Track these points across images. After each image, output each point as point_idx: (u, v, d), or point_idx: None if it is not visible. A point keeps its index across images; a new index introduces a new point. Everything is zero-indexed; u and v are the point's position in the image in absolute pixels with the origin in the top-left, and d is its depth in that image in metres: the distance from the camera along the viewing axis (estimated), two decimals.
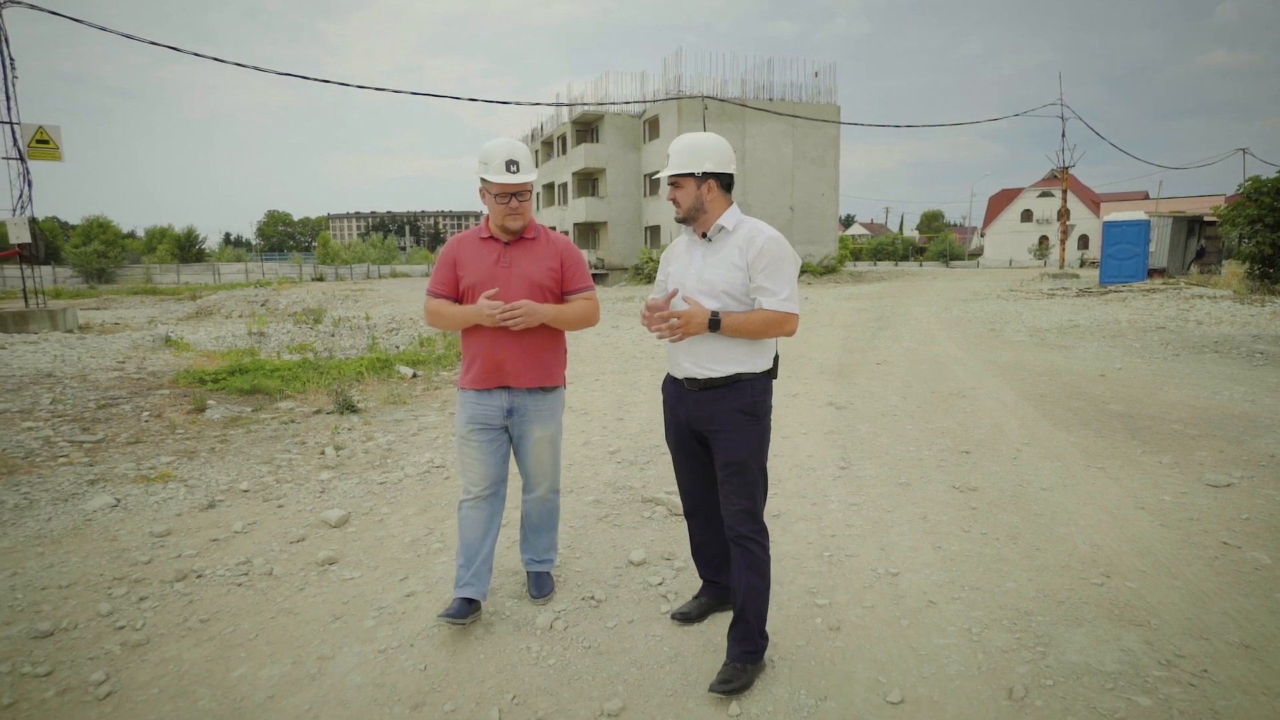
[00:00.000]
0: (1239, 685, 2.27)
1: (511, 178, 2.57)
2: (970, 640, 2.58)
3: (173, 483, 4.70)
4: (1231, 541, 3.33)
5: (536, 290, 2.67)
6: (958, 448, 5.02)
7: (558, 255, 2.75)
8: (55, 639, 2.80)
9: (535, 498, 2.95)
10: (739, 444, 2.39)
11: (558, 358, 2.83)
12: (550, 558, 3.09)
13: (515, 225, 2.66)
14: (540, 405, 2.77)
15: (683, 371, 2.47)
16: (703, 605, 2.80)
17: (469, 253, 2.72)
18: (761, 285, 2.34)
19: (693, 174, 2.39)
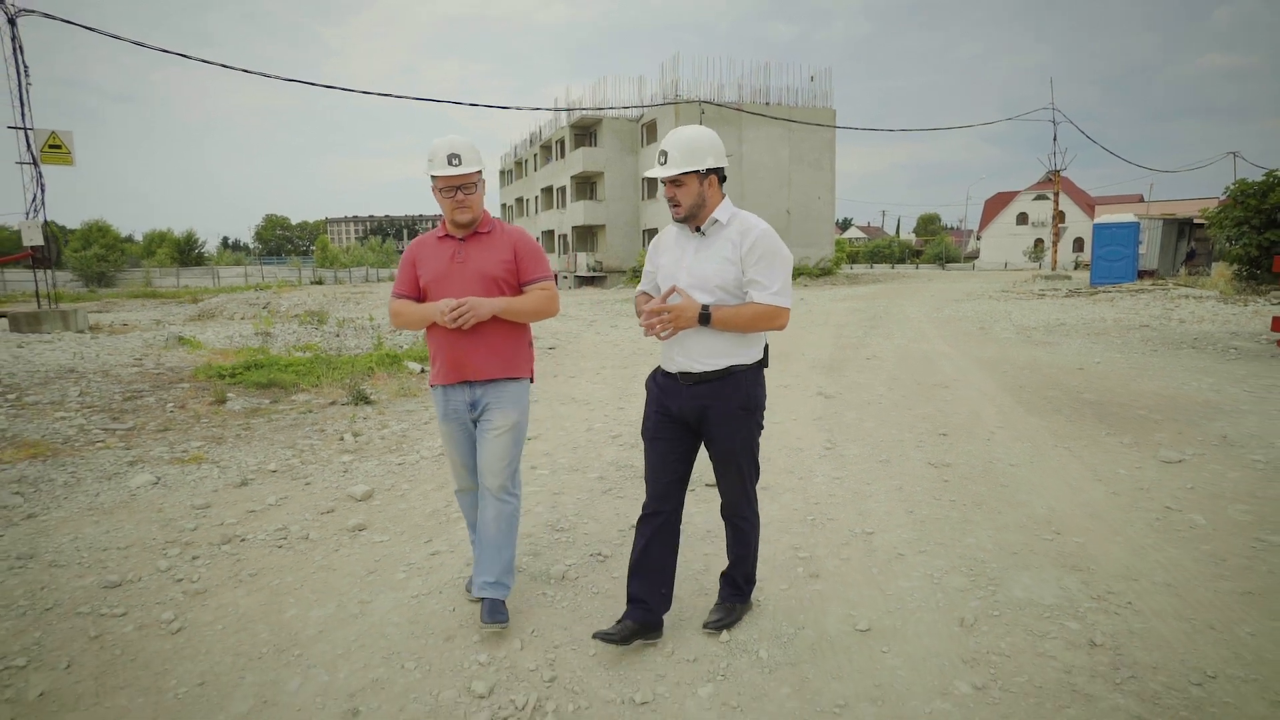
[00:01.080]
0: (1156, 613, 2.64)
1: (453, 170, 2.57)
2: (931, 583, 2.95)
3: (205, 464, 5.05)
4: (1174, 506, 3.70)
5: (490, 284, 2.67)
6: (936, 431, 5.39)
7: (511, 246, 2.73)
8: (124, 588, 3.15)
9: (489, 496, 2.74)
10: (736, 436, 2.46)
11: (519, 350, 2.80)
12: (506, 583, 2.75)
13: (462, 218, 2.65)
14: (502, 394, 2.74)
15: (676, 366, 2.48)
16: (627, 630, 2.49)
17: (426, 252, 2.74)
18: (754, 278, 2.35)
19: (697, 171, 2.36)
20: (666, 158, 2.39)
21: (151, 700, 2.36)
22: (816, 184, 35.88)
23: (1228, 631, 2.51)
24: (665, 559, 2.57)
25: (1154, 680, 2.26)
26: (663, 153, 2.41)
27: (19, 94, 14.29)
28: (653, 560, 2.55)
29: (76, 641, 2.71)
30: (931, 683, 2.30)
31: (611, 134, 37.41)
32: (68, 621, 2.86)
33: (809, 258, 33.91)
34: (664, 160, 2.40)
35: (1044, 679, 2.29)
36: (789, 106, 34.90)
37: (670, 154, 2.38)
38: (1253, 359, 8.44)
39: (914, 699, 2.23)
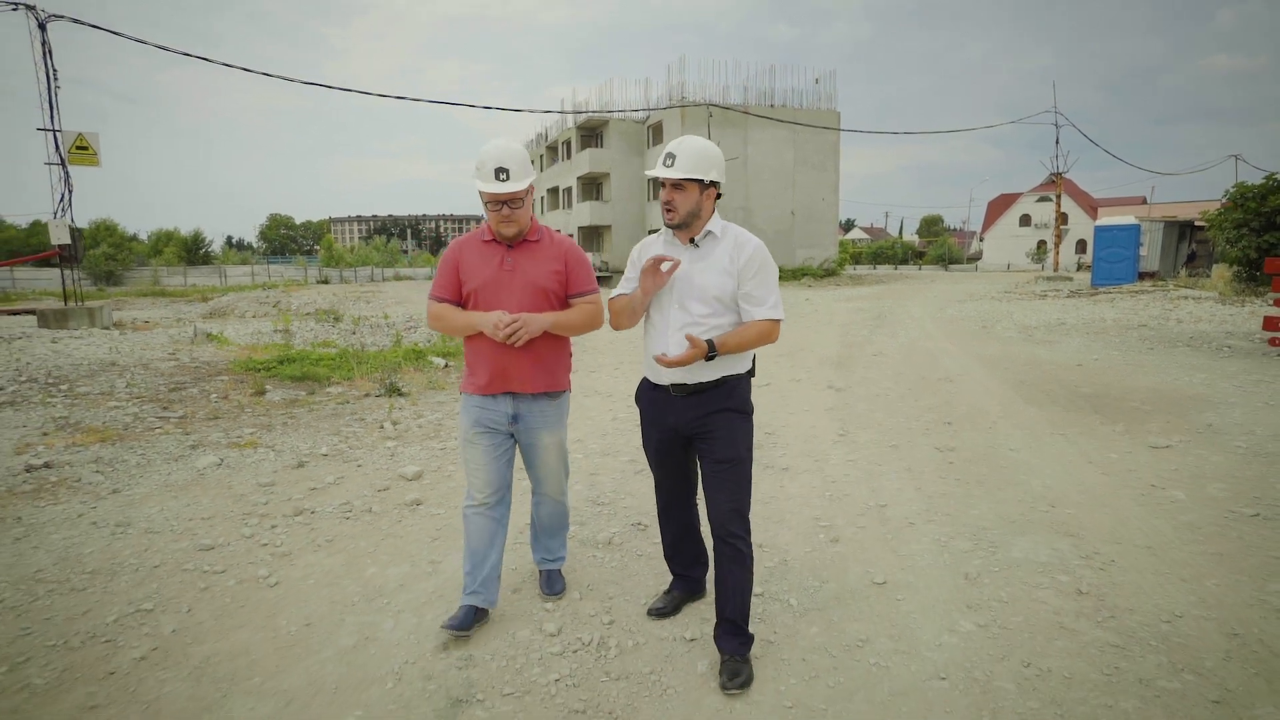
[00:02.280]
0: (1135, 569, 3.02)
1: (500, 187, 2.49)
2: (939, 546, 3.33)
3: (261, 449, 5.43)
4: (1158, 484, 4.08)
5: (540, 295, 2.62)
6: (941, 420, 5.76)
7: (562, 258, 2.68)
8: (217, 551, 3.53)
9: (546, 501, 2.93)
10: (732, 441, 2.41)
11: (562, 362, 2.79)
12: (561, 555, 3.09)
13: (508, 232, 2.60)
14: (547, 411, 2.74)
15: (669, 378, 2.44)
16: (675, 599, 2.83)
17: (472, 256, 2.66)
18: (750, 293, 2.37)
19: (700, 180, 2.36)
20: (674, 160, 2.36)
21: (268, 636, 2.74)
22: (821, 185, 36.25)
23: (1196, 583, 2.89)
24: (694, 543, 2.81)
25: (1130, 619, 2.64)
26: (670, 155, 2.37)
27: (48, 97, 14.71)
28: (685, 549, 2.80)
29: (189, 592, 3.10)
30: (940, 622, 2.68)
31: (618, 135, 37.80)
32: (176, 577, 3.24)
33: (813, 259, 34.27)
34: (670, 162, 2.37)
35: (1037, 619, 2.67)
36: (794, 109, 35.28)
37: (678, 158, 2.35)
38: (1245, 357, 8.79)
39: (925, 634, 2.60)
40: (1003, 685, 2.29)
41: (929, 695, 2.26)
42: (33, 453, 5.11)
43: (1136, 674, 2.32)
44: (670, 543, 2.82)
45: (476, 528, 2.76)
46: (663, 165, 2.38)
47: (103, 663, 2.55)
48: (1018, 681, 2.31)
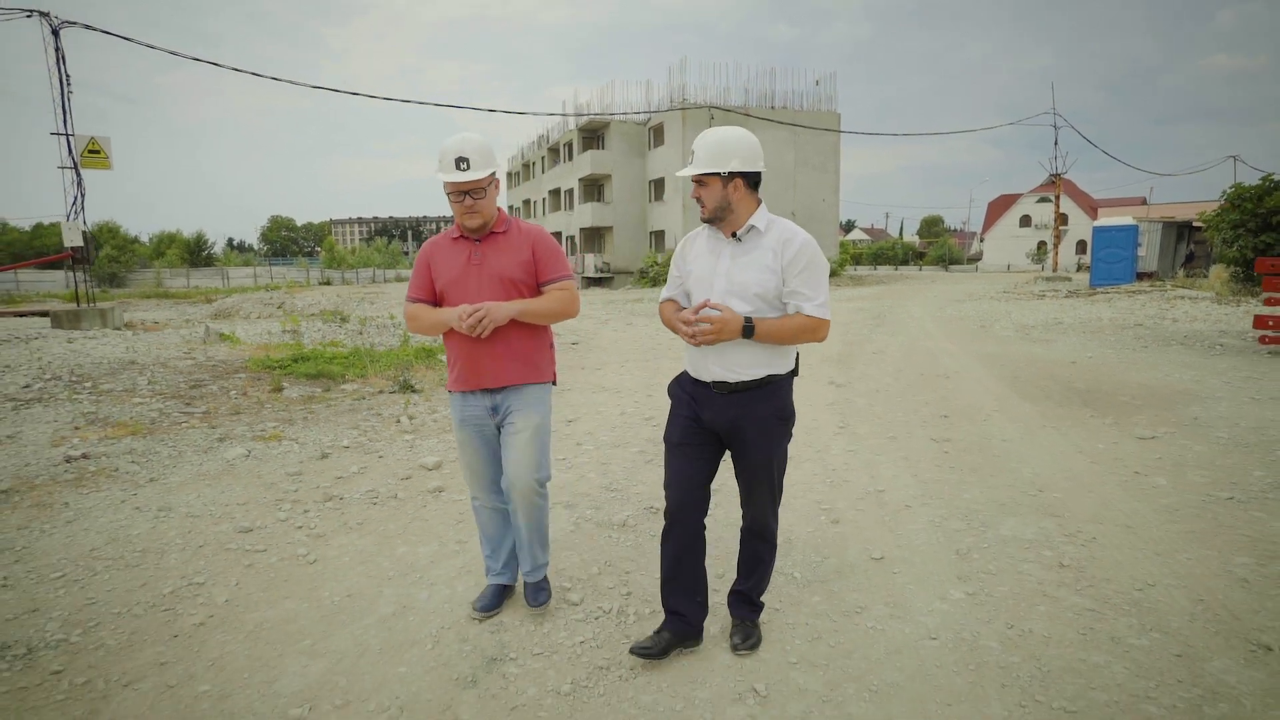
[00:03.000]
0: (1114, 545, 3.26)
1: (459, 176, 2.47)
2: (933, 526, 3.56)
3: (285, 441, 5.66)
4: (1141, 472, 4.31)
5: (508, 286, 2.60)
6: (938, 414, 6.00)
7: (529, 246, 2.65)
8: (255, 533, 3.77)
9: (519, 499, 2.71)
10: (770, 446, 2.38)
11: (540, 353, 2.73)
12: (543, 561, 2.90)
13: (472, 224, 2.58)
14: (525, 397, 2.68)
15: (711, 375, 2.38)
16: (664, 641, 2.50)
17: (442, 254, 2.66)
18: (797, 289, 2.28)
19: (718, 173, 2.29)
20: (693, 157, 2.35)
21: (313, 605, 2.97)
22: (821, 186, 36.49)
23: (1170, 557, 3.12)
24: (697, 569, 2.54)
25: (1106, 588, 2.87)
26: (692, 151, 2.37)
27: (61, 102, 14.97)
28: (685, 573, 2.51)
29: (235, 568, 3.33)
30: (932, 592, 2.91)
31: (619, 137, 38.04)
32: (221, 555, 3.48)
33: None
34: (691, 160, 2.36)
35: (1021, 588, 2.91)
36: (794, 110, 35.52)
37: (696, 153, 2.33)
38: (1236, 354, 9.01)
39: (918, 602, 2.84)
40: (988, 644, 2.53)
41: (921, 653, 2.49)
42: (69, 445, 5.35)
43: (1109, 633, 2.55)
44: (668, 570, 2.52)
45: (486, 519, 2.85)
46: (688, 164, 2.37)
47: (166, 627, 2.79)
48: (1001, 640, 2.54)
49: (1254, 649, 2.42)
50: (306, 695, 2.36)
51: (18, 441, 5.46)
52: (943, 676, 2.35)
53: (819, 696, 2.28)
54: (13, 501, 4.19)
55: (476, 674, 2.47)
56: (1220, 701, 2.16)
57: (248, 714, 2.27)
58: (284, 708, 2.29)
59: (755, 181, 2.36)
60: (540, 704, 2.30)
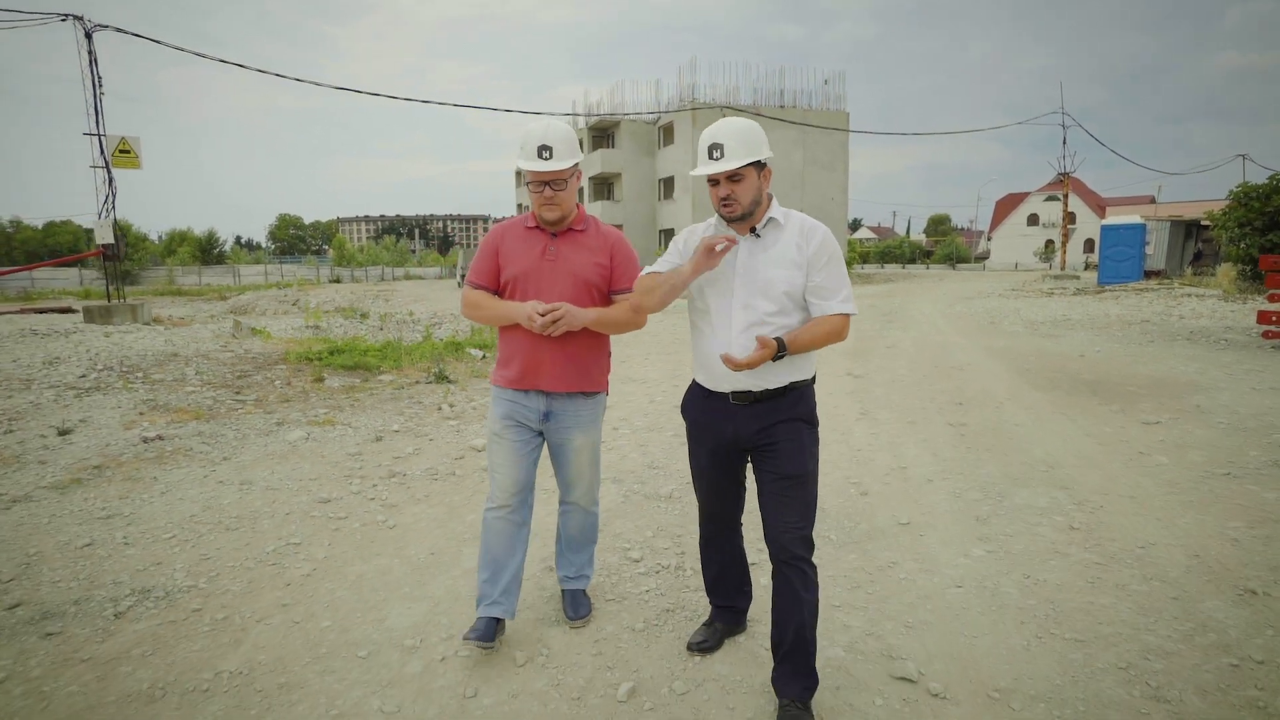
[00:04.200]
0: (1120, 512, 3.61)
1: (542, 165, 2.34)
2: (954, 497, 3.92)
3: (339, 426, 6.04)
4: (1145, 452, 4.65)
5: (582, 287, 2.47)
6: (953, 401, 6.34)
7: (608, 250, 2.53)
8: (333, 503, 4.14)
9: (574, 508, 2.73)
10: (800, 454, 2.17)
11: (599, 362, 2.61)
12: (588, 573, 2.86)
13: (550, 216, 2.45)
14: (581, 411, 2.57)
15: (731, 384, 2.19)
16: (718, 632, 2.56)
17: (513, 243, 2.52)
18: (821, 285, 2.12)
19: (757, 162, 2.11)
20: (722, 150, 2.09)
21: (402, 561, 3.34)
22: (829, 185, 36.77)
23: (1169, 523, 3.46)
24: (740, 570, 2.56)
25: (1112, 546, 3.22)
26: (716, 146, 2.10)
27: (94, 103, 15.40)
28: (730, 576, 2.55)
29: (324, 532, 3.70)
30: (955, 549, 3.26)
31: (629, 136, 38.39)
32: (308, 522, 3.85)
33: None
34: (719, 154, 2.09)
35: (1035, 547, 3.26)
36: (803, 110, 35.80)
37: (727, 145, 2.08)
38: (1240, 349, 9.31)
39: (943, 558, 3.19)
40: (1007, 590, 2.88)
41: (948, 598, 2.85)
42: (141, 428, 5.74)
43: (1114, 581, 2.90)
44: (715, 575, 2.56)
45: (497, 533, 2.60)
46: (710, 159, 2.10)
47: (278, 578, 3.16)
48: (1020, 588, 2.89)
49: (1241, 593, 2.77)
50: (415, 631, 2.73)
51: (91, 425, 5.85)
52: (969, 616, 2.70)
53: (863, 631, 2.64)
54: (106, 476, 4.58)
55: (560, 615, 2.83)
56: (1209, 633, 2.51)
57: (368, 644, 2.63)
58: (398, 639, 2.66)
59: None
60: (619, 639, 2.66)
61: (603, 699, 2.29)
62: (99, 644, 2.61)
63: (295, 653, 2.56)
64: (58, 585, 3.06)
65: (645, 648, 2.59)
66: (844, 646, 2.54)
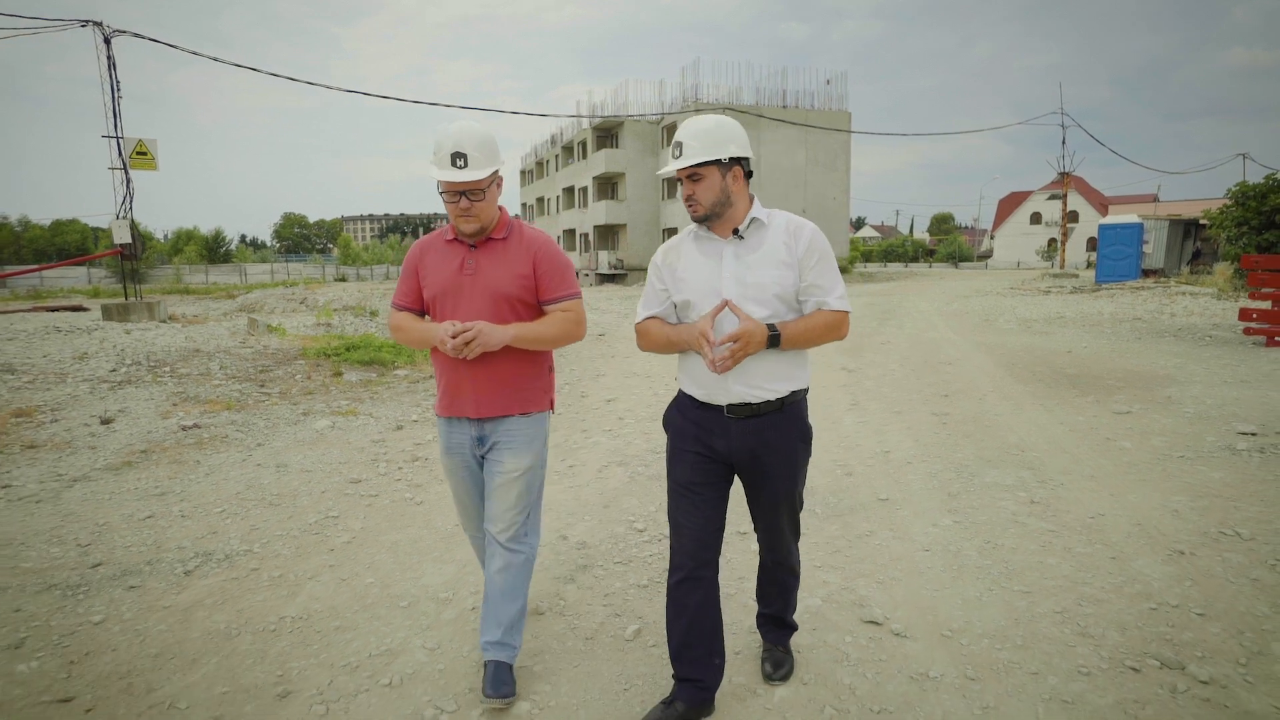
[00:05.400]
0: (1078, 488, 4.00)
1: (456, 174, 2.14)
2: (930, 476, 4.30)
3: (361, 416, 6.44)
4: (1112, 438, 5.02)
5: (501, 303, 2.26)
6: (939, 394, 6.71)
7: (529, 259, 2.30)
8: (364, 483, 4.53)
9: (496, 545, 2.36)
10: (793, 475, 2.14)
11: (536, 379, 2.39)
12: (513, 642, 2.35)
13: (468, 228, 2.25)
14: (514, 432, 2.33)
15: (729, 396, 2.06)
16: (677, 715, 2.14)
17: (432, 259, 2.34)
18: (814, 283, 2.04)
19: (718, 161, 2.02)
20: (682, 149, 2.05)
21: (431, 531, 3.73)
22: (831, 185, 37.09)
23: (1121, 497, 3.84)
24: (714, 627, 2.18)
25: (1066, 516, 3.60)
26: (677, 144, 2.07)
27: (113, 106, 15.84)
28: (702, 634, 2.15)
29: (358, 507, 4.10)
30: (927, 520, 3.65)
31: (633, 136, 38.76)
32: (342, 499, 4.24)
33: None
34: (679, 153, 2.06)
35: (997, 517, 3.64)
36: (805, 110, 36.13)
37: (686, 144, 2.05)
38: (1222, 345, 9.65)
39: (915, 528, 3.57)
40: (968, 553, 3.26)
41: (916, 560, 3.23)
42: (178, 417, 6.14)
43: (1062, 545, 3.28)
44: (682, 633, 2.16)
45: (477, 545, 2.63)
46: (672, 159, 2.08)
47: (322, 544, 3.56)
48: (979, 551, 3.27)
49: (1170, 553, 3.15)
50: (447, 586, 3.12)
51: (130, 415, 6.26)
52: (932, 574, 3.08)
53: (839, 586, 3.02)
54: (153, 459, 4.98)
55: (574, 574, 3.22)
56: (1136, 584, 2.89)
57: (407, 596, 3.02)
58: (434, 593, 3.05)
59: (749, 172, 2.12)
60: (626, 593, 3.04)
61: (612, 639, 2.68)
62: (176, 595, 3.00)
63: (345, 603, 2.96)
64: (129, 549, 3.46)
65: (649, 600, 2.97)
66: (821, 598, 2.92)
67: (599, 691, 2.35)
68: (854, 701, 2.25)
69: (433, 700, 2.30)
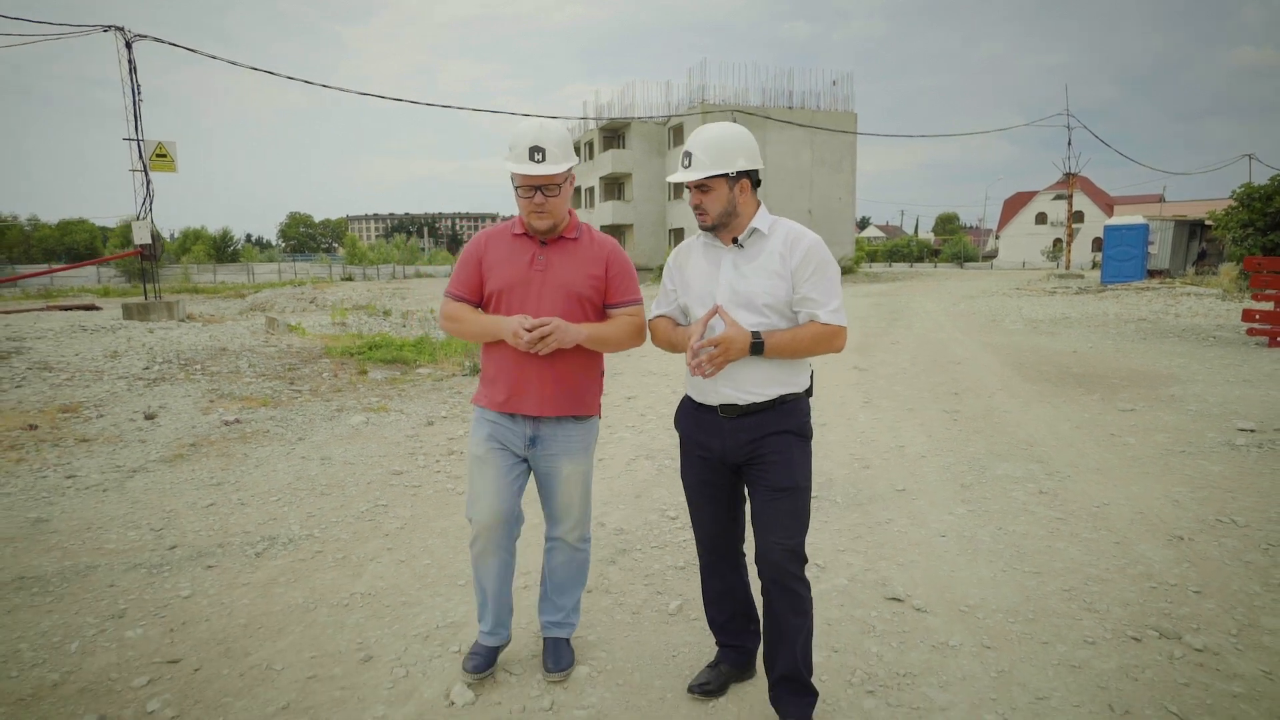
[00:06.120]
0: (1086, 480, 4.24)
1: (534, 169, 2.15)
2: (943, 469, 4.54)
3: (392, 412, 6.70)
4: (1116, 433, 5.25)
5: (574, 301, 2.29)
6: (949, 391, 6.95)
7: (603, 260, 2.34)
8: (406, 475, 4.79)
9: (560, 544, 2.51)
10: (789, 468, 2.10)
11: (592, 383, 2.42)
12: (573, 621, 2.59)
13: (541, 225, 2.25)
14: (571, 436, 2.37)
15: (719, 397, 2.12)
16: (724, 675, 2.38)
17: (499, 251, 2.32)
18: (808, 295, 2.05)
19: (726, 174, 2.06)
20: (691, 159, 2.09)
21: None
22: (837, 185, 37.28)
23: (1125, 488, 4.08)
24: (745, 600, 2.40)
25: (1073, 505, 3.84)
26: (686, 154, 2.10)
27: (134, 109, 16.14)
28: (736, 610, 2.38)
29: (404, 497, 4.35)
30: (942, 509, 3.89)
31: (639, 137, 39.01)
32: (387, 490, 4.50)
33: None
34: (688, 162, 2.09)
35: (1008, 506, 3.88)
36: (811, 111, 36.33)
37: (695, 155, 2.07)
38: (1226, 345, 9.86)
39: (931, 516, 3.81)
40: (981, 538, 3.50)
41: (933, 544, 3.47)
42: (219, 413, 6.41)
43: (1070, 531, 3.52)
44: (715, 609, 2.41)
45: (487, 566, 2.45)
46: (682, 167, 2.11)
47: (376, 530, 3.81)
48: (992, 536, 3.52)
49: (1170, 539, 3.39)
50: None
51: (171, 411, 6.53)
52: (949, 556, 3.32)
53: (862, 568, 3.26)
54: (202, 452, 5.25)
55: (615, 557, 3.47)
56: (1139, 566, 3.13)
57: (463, 576, 3.27)
58: None
59: (757, 181, 2.15)
60: (664, 574, 3.29)
61: (656, 613, 2.93)
62: (251, 573, 3.26)
63: (407, 581, 3.21)
64: (199, 534, 3.73)
65: (687, 580, 3.22)
66: (847, 578, 3.17)
67: (649, 658, 2.60)
68: (881, 666, 2.49)
69: (502, 664, 2.55)
